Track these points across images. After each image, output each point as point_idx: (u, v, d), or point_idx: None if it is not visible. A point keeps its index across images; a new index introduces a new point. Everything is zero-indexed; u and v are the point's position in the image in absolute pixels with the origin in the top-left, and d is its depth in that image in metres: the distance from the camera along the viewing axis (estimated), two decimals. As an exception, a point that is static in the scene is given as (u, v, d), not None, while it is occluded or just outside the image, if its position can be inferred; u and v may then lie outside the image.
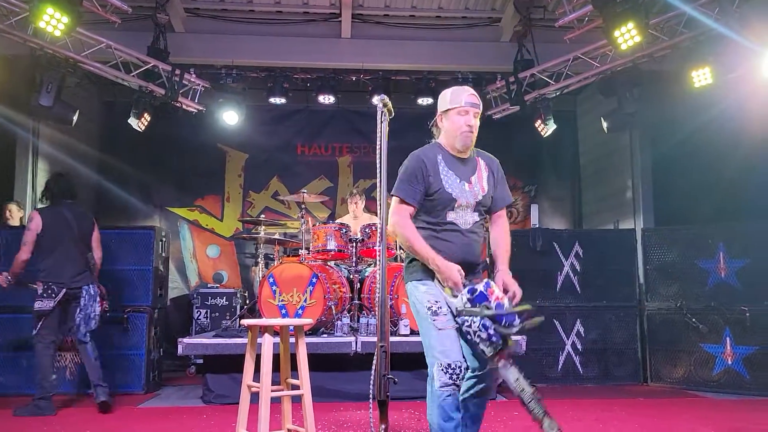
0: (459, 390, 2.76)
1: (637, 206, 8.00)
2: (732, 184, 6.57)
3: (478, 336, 2.66)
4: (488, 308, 2.65)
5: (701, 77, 6.17)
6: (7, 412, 4.98)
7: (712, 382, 6.16)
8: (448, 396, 2.69)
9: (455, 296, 2.76)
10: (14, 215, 7.02)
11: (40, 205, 5.56)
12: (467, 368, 2.83)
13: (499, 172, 3.13)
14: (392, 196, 2.92)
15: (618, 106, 6.87)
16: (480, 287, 2.70)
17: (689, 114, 6.73)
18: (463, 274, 2.79)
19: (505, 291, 2.80)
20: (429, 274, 2.87)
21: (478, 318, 2.65)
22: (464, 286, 2.75)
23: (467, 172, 3.02)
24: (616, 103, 6.90)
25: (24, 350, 6.01)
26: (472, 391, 2.93)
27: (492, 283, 2.76)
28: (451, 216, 2.94)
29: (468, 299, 2.70)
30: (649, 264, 6.72)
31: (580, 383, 6.51)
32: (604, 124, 7.19)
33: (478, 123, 3.02)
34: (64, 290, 5.06)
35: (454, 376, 2.69)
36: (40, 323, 5.04)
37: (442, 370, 2.70)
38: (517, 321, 2.66)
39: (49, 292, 5.04)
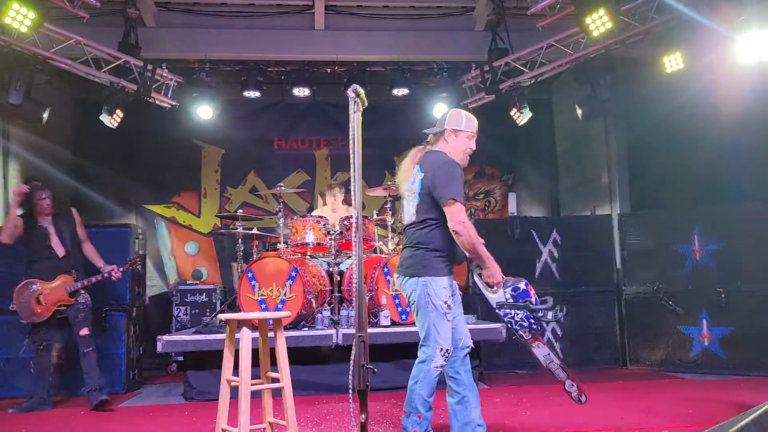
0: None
1: (613, 192, 8.09)
2: (706, 167, 6.66)
3: (520, 325, 3.39)
4: (531, 304, 3.36)
5: (673, 62, 6.23)
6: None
7: (690, 363, 6.27)
8: (437, 374, 3.28)
9: (495, 292, 3.38)
10: None
11: None
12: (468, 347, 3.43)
13: None
14: (451, 199, 3.20)
15: (592, 93, 6.91)
16: (522, 286, 3.38)
17: (662, 99, 6.80)
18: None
19: None
20: (448, 270, 3.34)
21: (522, 311, 3.35)
22: (506, 284, 3.36)
23: None
24: (590, 89, 6.94)
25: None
26: (466, 360, 3.45)
27: (527, 283, 3.41)
28: None
29: (511, 295, 3.36)
30: (626, 249, 6.81)
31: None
32: (579, 111, 7.23)
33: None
34: None
35: (446, 360, 3.29)
36: None
37: (442, 355, 3.25)
38: (550, 314, 3.37)
39: None
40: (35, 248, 5.27)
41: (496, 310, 3.43)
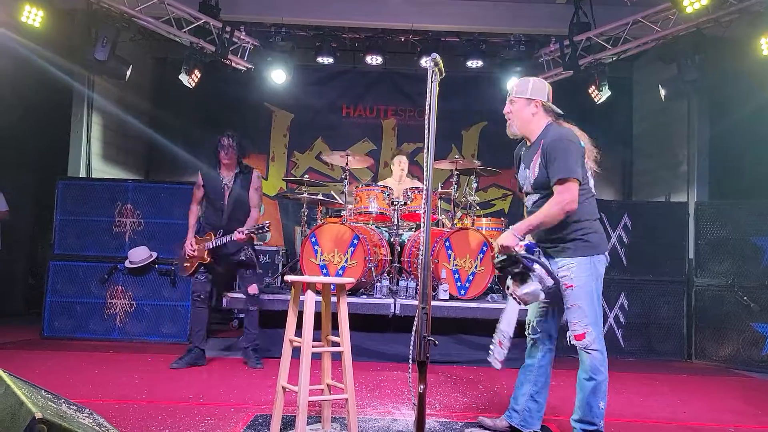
0: None
1: (692, 179, 7.73)
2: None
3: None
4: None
5: (771, 44, 5.83)
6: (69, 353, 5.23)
7: (761, 363, 5.99)
8: None
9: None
10: None
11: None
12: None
13: (547, 152, 3.14)
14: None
15: (678, 74, 6.57)
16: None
17: (755, 84, 6.39)
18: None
19: None
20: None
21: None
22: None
23: (529, 157, 3.27)
24: (675, 70, 6.60)
25: (78, 296, 6.33)
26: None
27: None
28: (526, 199, 3.37)
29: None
30: (701, 239, 6.52)
31: (622, 357, 6.42)
32: (662, 92, 6.90)
33: (514, 107, 3.27)
34: None
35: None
36: None
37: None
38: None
39: None
40: (207, 199, 5.25)
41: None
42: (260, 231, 4.96)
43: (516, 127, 3.28)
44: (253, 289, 5.15)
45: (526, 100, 3.25)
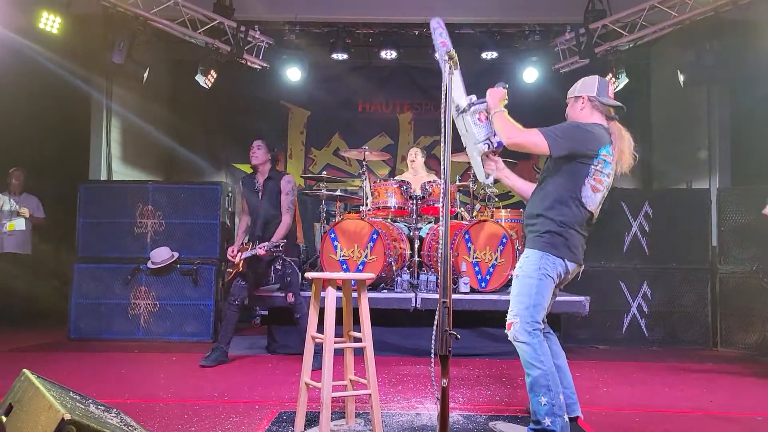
0: None
1: (713, 165, 7.61)
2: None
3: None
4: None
5: (792, 27, 5.72)
6: (90, 354, 5.31)
7: (788, 350, 5.91)
8: None
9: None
10: (20, 181, 7.24)
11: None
12: None
13: None
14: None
15: (696, 59, 6.45)
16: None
17: (776, 68, 6.27)
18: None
19: None
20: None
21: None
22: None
23: None
24: (694, 55, 6.48)
25: (103, 298, 6.43)
26: None
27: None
28: None
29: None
30: (724, 225, 6.44)
31: (646, 346, 6.37)
32: (681, 78, 6.79)
33: (568, 108, 3.40)
34: None
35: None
36: None
37: None
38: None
39: None
40: (248, 207, 5.38)
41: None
42: (276, 249, 4.99)
43: (575, 123, 3.27)
44: (290, 297, 5.21)
45: (574, 98, 3.34)
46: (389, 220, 6.37)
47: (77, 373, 4.74)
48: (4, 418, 2.30)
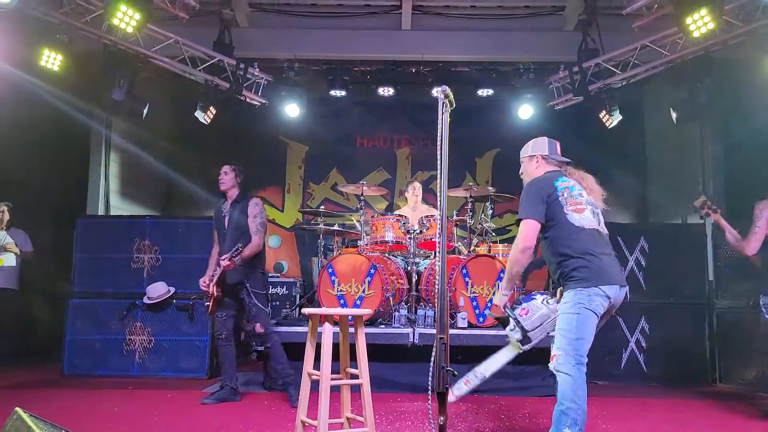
0: None
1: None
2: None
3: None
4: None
5: (780, 66, 5.84)
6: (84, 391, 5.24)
7: (788, 386, 5.86)
8: None
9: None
10: (4, 216, 7.09)
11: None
12: None
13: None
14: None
15: (688, 96, 6.58)
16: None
17: (765, 104, 6.38)
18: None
19: None
20: None
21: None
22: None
23: None
24: (686, 93, 6.62)
25: (98, 333, 6.37)
26: None
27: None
28: None
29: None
30: (720, 260, 6.45)
31: (645, 382, 6.32)
32: (674, 115, 6.91)
33: (522, 167, 3.62)
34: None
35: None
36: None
37: None
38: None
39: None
40: (215, 230, 5.27)
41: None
42: (236, 253, 4.79)
43: (527, 183, 3.49)
44: (258, 328, 5.07)
45: (528, 158, 3.57)
46: (387, 255, 6.38)
47: (71, 410, 4.67)
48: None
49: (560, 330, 3.13)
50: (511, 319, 3.29)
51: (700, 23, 5.53)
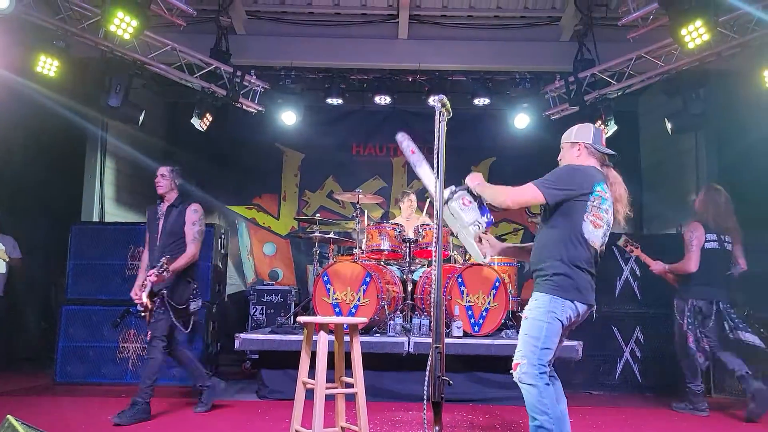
0: None
1: (703, 210, 7.68)
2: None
3: None
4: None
5: (773, 77, 5.88)
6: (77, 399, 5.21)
7: (782, 396, 5.85)
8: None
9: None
10: None
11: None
12: None
13: None
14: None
15: (683, 107, 6.62)
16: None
17: (760, 116, 6.42)
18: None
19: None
20: None
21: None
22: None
23: None
24: (681, 103, 6.66)
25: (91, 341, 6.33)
26: None
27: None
28: None
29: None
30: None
31: (639, 392, 6.31)
32: (669, 126, 6.94)
33: (562, 153, 3.38)
34: None
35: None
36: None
37: None
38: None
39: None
40: (147, 233, 4.99)
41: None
42: (162, 269, 4.52)
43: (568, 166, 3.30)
44: (149, 335, 4.78)
45: (570, 144, 3.34)
46: (382, 263, 6.37)
47: (62, 418, 4.64)
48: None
49: (527, 336, 3.03)
50: (456, 191, 3.23)
51: (695, 35, 5.57)
